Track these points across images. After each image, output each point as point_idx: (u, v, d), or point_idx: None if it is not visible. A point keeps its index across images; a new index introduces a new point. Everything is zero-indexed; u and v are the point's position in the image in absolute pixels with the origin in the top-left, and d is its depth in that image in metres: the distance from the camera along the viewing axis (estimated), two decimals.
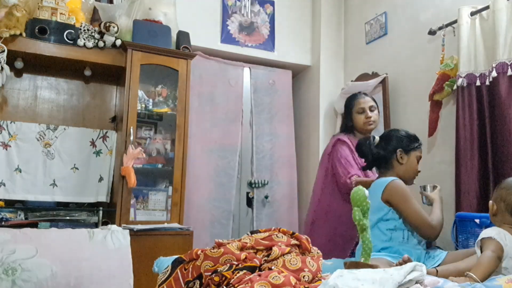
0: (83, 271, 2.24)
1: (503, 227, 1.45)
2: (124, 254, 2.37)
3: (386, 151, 2.01)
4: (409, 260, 1.50)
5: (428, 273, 1.44)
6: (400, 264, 1.47)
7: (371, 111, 2.57)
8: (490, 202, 1.55)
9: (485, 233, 1.43)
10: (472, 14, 2.49)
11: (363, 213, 1.39)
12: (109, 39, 2.80)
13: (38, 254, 2.16)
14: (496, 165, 2.24)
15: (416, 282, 1.07)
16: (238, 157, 3.51)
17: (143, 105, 2.98)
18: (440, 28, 2.75)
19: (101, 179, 2.95)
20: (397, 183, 1.88)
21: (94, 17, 2.96)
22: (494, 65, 2.30)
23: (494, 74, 2.28)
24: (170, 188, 2.91)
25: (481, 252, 1.41)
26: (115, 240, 2.37)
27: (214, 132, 3.43)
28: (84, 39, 2.76)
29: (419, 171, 2.04)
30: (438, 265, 1.74)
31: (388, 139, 2.05)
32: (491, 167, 2.26)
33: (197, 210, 3.27)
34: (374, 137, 2.11)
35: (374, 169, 2.18)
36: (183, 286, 1.60)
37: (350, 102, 2.64)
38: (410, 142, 2.01)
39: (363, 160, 2.19)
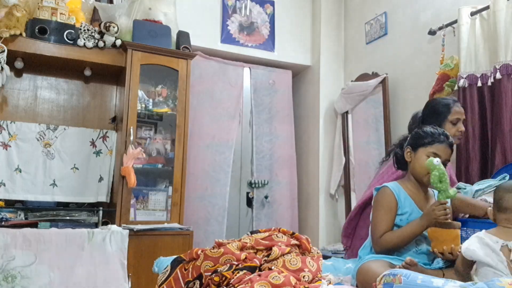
0: (80, 277, 2.25)
1: (499, 226, 1.45)
2: (121, 258, 2.38)
3: (402, 151, 1.94)
4: (411, 263, 1.49)
5: (434, 274, 1.43)
6: (404, 267, 1.46)
7: (462, 124, 2.23)
8: (489, 209, 1.55)
9: (469, 238, 1.44)
10: (472, 14, 2.48)
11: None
12: (109, 39, 2.80)
13: (37, 260, 2.18)
14: (498, 165, 2.24)
15: None
16: (236, 154, 3.50)
17: (143, 105, 2.98)
18: (440, 28, 2.75)
19: (101, 179, 2.95)
20: (381, 191, 1.81)
21: (94, 17, 2.96)
22: (497, 67, 2.29)
23: (498, 75, 2.28)
24: (170, 188, 2.91)
25: None
26: (113, 242, 2.37)
27: (211, 128, 3.43)
28: (84, 39, 2.76)
29: None
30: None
31: (406, 138, 1.94)
32: (493, 168, 2.26)
33: (192, 206, 3.25)
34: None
35: None
36: (183, 286, 1.60)
37: (447, 107, 2.19)
38: (419, 138, 1.83)
39: None
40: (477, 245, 1.37)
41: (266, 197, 3.59)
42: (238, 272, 1.45)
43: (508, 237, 1.37)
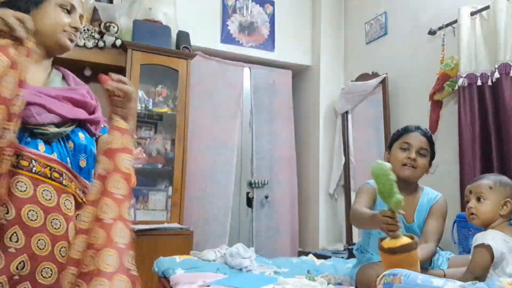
0: None
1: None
2: None
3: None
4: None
5: (436, 274, 1.43)
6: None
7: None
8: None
9: (480, 238, 1.40)
10: (472, 14, 2.48)
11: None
12: (109, 39, 2.80)
13: None
14: (500, 164, 2.24)
15: None
16: (236, 154, 3.50)
17: (143, 105, 2.98)
18: (440, 28, 2.75)
19: None
20: (361, 185, 1.88)
21: (94, 17, 2.96)
22: (496, 66, 2.29)
23: (497, 74, 2.28)
24: (170, 188, 2.91)
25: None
26: None
27: (212, 129, 3.42)
28: (84, 39, 2.76)
29: (410, 158, 1.78)
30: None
31: None
32: (495, 166, 2.26)
33: (192, 206, 3.23)
34: None
35: None
36: None
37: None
38: (393, 136, 1.91)
39: None
40: (505, 248, 1.35)
41: (266, 197, 3.59)
42: None
43: None
